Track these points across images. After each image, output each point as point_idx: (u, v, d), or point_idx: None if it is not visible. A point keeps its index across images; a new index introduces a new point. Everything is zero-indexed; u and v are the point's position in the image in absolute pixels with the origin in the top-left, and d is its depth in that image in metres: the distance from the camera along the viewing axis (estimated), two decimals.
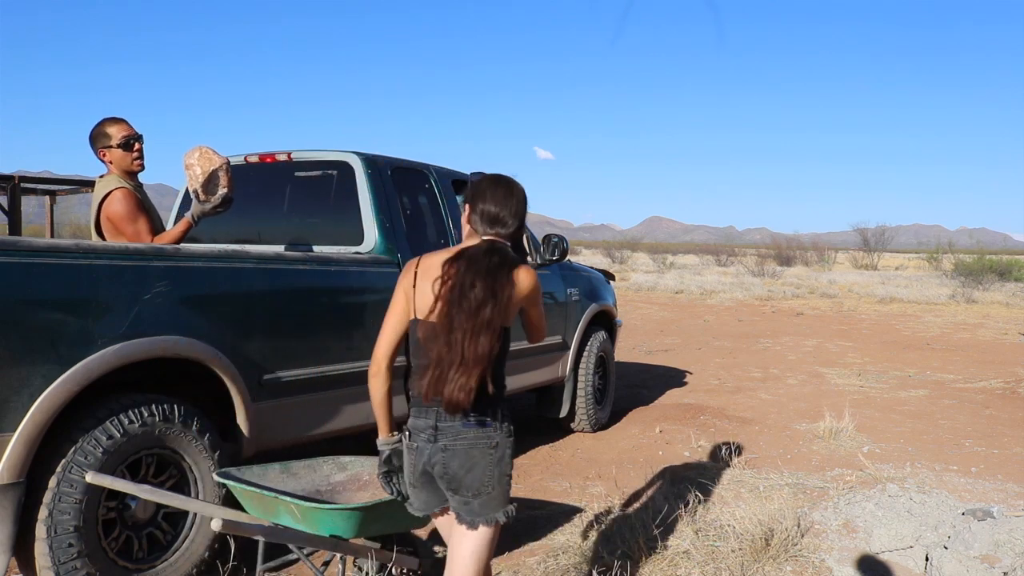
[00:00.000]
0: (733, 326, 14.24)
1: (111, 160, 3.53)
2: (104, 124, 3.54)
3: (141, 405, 2.87)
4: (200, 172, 3.46)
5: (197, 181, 3.46)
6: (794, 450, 5.65)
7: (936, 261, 35.13)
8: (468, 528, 2.20)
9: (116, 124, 3.53)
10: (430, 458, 2.19)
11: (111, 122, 3.54)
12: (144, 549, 2.95)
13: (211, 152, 3.50)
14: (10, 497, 2.52)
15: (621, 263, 37.59)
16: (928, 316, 16.41)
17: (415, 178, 4.61)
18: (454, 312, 2.12)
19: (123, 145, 3.52)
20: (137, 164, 3.57)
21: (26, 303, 2.56)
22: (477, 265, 2.16)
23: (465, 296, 2.12)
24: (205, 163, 3.47)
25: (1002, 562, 3.35)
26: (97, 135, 3.54)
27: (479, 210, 2.31)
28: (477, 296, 2.12)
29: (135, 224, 3.44)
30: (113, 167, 3.54)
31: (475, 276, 2.14)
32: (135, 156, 3.55)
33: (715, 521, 3.90)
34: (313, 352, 3.58)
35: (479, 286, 2.13)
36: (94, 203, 3.50)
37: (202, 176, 3.45)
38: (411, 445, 2.24)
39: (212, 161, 3.47)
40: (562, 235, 5.51)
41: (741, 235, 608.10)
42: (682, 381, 8.48)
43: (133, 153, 3.55)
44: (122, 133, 3.52)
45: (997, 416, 6.90)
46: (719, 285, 23.25)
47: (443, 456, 2.17)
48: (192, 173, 3.47)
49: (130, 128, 3.55)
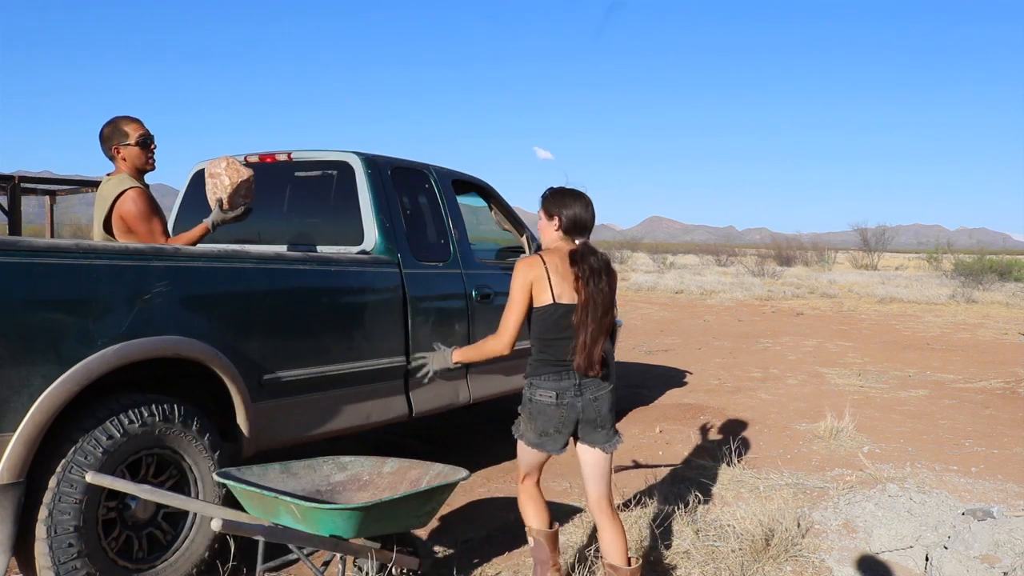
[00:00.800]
0: (733, 326, 14.24)
1: (125, 157, 3.53)
2: (120, 122, 3.55)
3: (141, 405, 2.87)
4: (228, 183, 3.55)
5: (224, 191, 3.55)
6: (794, 450, 5.65)
7: (936, 261, 35.13)
8: (605, 451, 2.92)
9: (133, 123, 3.56)
10: (584, 409, 2.86)
11: (127, 120, 3.56)
12: (144, 549, 2.95)
13: (238, 164, 3.60)
14: (10, 497, 2.52)
15: (621, 263, 37.60)
16: (928, 316, 16.42)
17: (415, 178, 4.61)
18: (596, 298, 2.78)
19: (140, 143, 3.54)
20: (151, 163, 3.60)
21: (26, 303, 2.55)
22: (599, 263, 2.83)
23: (599, 287, 2.79)
24: (233, 174, 3.57)
25: (1002, 562, 3.35)
26: (113, 132, 3.54)
27: (568, 218, 2.91)
28: (605, 287, 2.81)
29: (150, 223, 3.45)
30: (126, 165, 3.54)
31: (601, 271, 2.82)
32: (150, 155, 3.59)
33: (715, 521, 3.90)
34: (313, 352, 3.58)
35: (604, 280, 2.82)
36: (104, 202, 3.48)
37: (230, 187, 3.55)
38: (560, 402, 2.84)
39: (240, 173, 3.58)
40: None
41: (741, 235, 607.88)
42: (682, 381, 8.48)
43: (148, 152, 3.58)
44: (139, 132, 3.55)
45: (997, 416, 6.90)
46: (719, 285, 23.26)
47: (595, 404, 2.87)
48: (219, 182, 3.55)
49: (145, 128, 3.58)
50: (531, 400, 2.88)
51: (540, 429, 2.89)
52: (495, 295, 4.80)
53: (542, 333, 2.86)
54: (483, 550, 3.67)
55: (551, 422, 2.86)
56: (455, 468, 3.12)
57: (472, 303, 4.60)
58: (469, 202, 5.47)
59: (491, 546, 3.73)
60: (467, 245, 4.76)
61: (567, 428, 2.87)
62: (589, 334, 2.77)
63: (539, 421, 2.88)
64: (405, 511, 2.84)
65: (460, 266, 4.62)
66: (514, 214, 5.48)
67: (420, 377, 3.21)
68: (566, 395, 2.84)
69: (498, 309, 4.87)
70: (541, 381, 2.86)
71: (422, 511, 2.96)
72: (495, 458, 5.31)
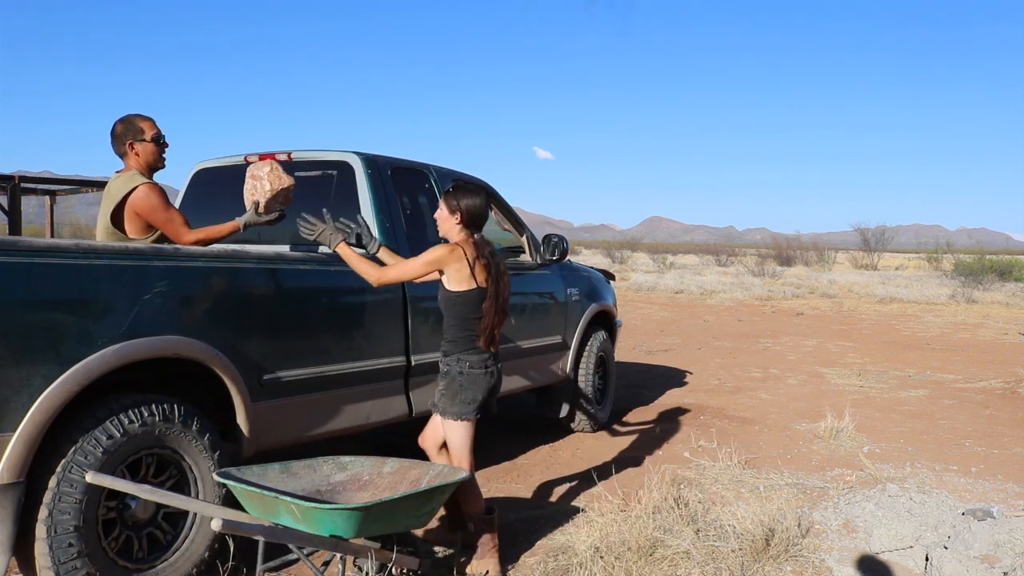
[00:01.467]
0: (733, 326, 14.24)
1: (139, 153, 3.56)
2: (135, 119, 3.59)
3: (141, 405, 2.87)
4: (269, 188, 3.59)
5: (264, 195, 3.59)
6: (794, 450, 5.65)
7: (936, 261, 35.13)
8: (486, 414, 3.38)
9: (147, 120, 3.61)
10: (498, 377, 3.37)
11: (142, 118, 3.60)
12: (144, 549, 2.95)
13: (281, 171, 3.64)
14: (10, 497, 2.52)
15: (621, 263, 37.59)
16: (928, 316, 16.42)
17: (415, 178, 4.61)
18: (502, 285, 3.29)
19: (155, 140, 3.59)
20: (163, 162, 3.65)
21: (26, 303, 2.55)
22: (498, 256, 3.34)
23: (503, 277, 3.32)
24: (275, 180, 3.60)
25: (1002, 562, 3.35)
26: (127, 129, 3.56)
27: (470, 213, 3.32)
28: (506, 277, 3.34)
29: (169, 214, 3.48)
30: (138, 161, 3.56)
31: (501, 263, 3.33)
32: (162, 153, 3.64)
33: (715, 521, 3.90)
34: (313, 352, 3.58)
35: (504, 269, 3.35)
36: (113, 197, 3.47)
37: (270, 192, 3.59)
38: (487, 371, 3.30)
39: (282, 180, 3.62)
40: (562, 235, 5.51)
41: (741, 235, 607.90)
42: (682, 381, 8.48)
43: (161, 150, 3.62)
44: (154, 129, 3.60)
45: (997, 416, 6.90)
46: (719, 285, 23.26)
47: (500, 374, 3.41)
48: (260, 185, 3.59)
49: (159, 127, 3.63)
50: (462, 373, 3.24)
51: (471, 398, 3.26)
52: None
53: (468, 314, 3.25)
54: None
55: (480, 390, 3.26)
56: (455, 468, 3.12)
57: None
58: None
59: None
60: None
61: (486, 395, 3.29)
62: (498, 316, 3.26)
63: (471, 390, 3.25)
64: (405, 511, 2.84)
65: None
66: (514, 214, 5.49)
67: (304, 234, 3.49)
68: (490, 365, 3.31)
69: None
70: (470, 355, 3.26)
71: (422, 511, 2.96)
72: (495, 458, 5.31)
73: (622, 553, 3.42)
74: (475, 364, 3.26)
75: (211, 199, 4.65)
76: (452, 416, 3.27)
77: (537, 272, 5.45)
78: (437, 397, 3.33)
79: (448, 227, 3.37)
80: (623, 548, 3.46)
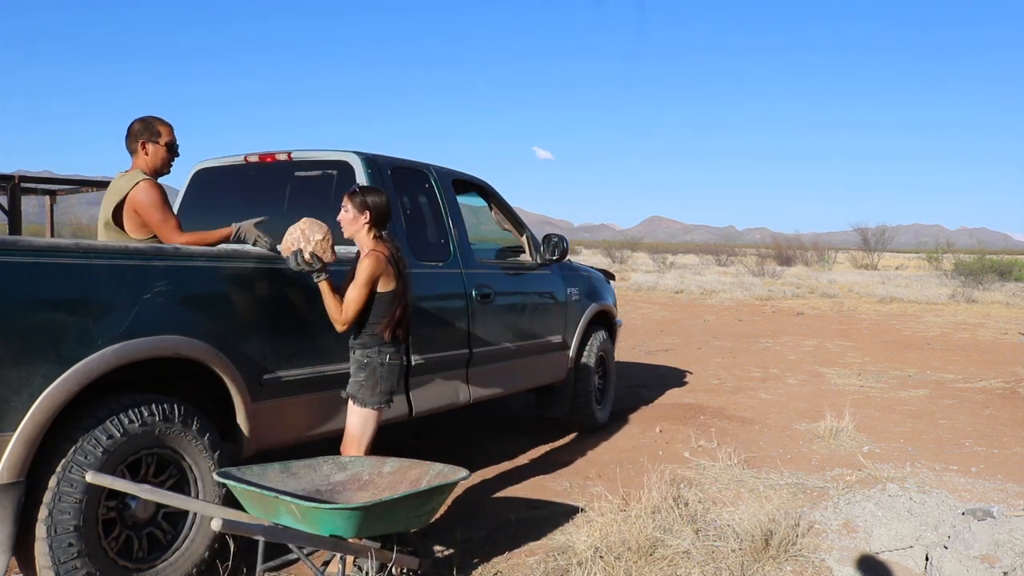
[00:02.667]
0: (733, 326, 14.24)
1: (149, 153, 3.57)
2: (155, 121, 3.61)
3: (141, 405, 2.87)
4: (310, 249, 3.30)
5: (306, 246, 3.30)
6: (794, 450, 5.65)
7: (936, 261, 35.12)
8: None
9: (166, 125, 3.64)
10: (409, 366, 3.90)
11: (161, 122, 3.63)
12: (144, 549, 2.95)
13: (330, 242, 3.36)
14: (10, 497, 2.52)
15: (621, 263, 37.59)
16: (928, 316, 16.42)
17: (415, 178, 4.61)
18: (409, 281, 3.51)
19: (168, 146, 3.62)
20: (169, 168, 3.68)
21: (26, 303, 2.55)
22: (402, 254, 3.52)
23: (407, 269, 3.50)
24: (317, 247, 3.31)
25: (1002, 562, 3.35)
26: (145, 128, 3.59)
27: (378, 213, 3.38)
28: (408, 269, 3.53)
29: (163, 212, 3.48)
30: (146, 161, 3.58)
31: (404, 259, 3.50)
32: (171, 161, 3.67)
33: (715, 521, 3.90)
34: (313, 352, 3.58)
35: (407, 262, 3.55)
36: (116, 194, 3.49)
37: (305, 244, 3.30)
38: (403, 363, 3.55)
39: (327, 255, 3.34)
40: (562, 235, 5.51)
41: (741, 235, 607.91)
42: (682, 381, 8.48)
43: (171, 157, 3.65)
44: (170, 136, 3.63)
45: (997, 416, 6.90)
46: (719, 285, 23.25)
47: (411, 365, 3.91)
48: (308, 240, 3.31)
49: (175, 135, 3.66)
50: (382, 364, 3.35)
51: (389, 388, 3.39)
52: (495, 295, 4.80)
53: (388, 309, 3.37)
54: (483, 550, 3.67)
55: (396, 379, 3.42)
56: (455, 468, 3.12)
57: (472, 303, 4.60)
58: (469, 202, 5.47)
59: (491, 546, 3.73)
60: (467, 245, 4.76)
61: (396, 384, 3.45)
62: (409, 310, 3.47)
63: (390, 381, 3.39)
64: (405, 511, 2.84)
65: (460, 266, 4.62)
66: (514, 214, 5.49)
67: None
68: (404, 356, 3.60)
69: (499, 309, 4.89)
70: (388, 347, 3.37)
71: (422, 511, 2.96)
72: (495, 458, 5.31)
73: (622, 553, 3.42)
74: (393, 356, 3.38)
75: (211, 199, 4.66)
76: (371, 405, 3.35)
77: (537, 272, 5.45)
78: (355, 388, 3.36)
79: (355, 228, 3.38)
80: (623, 548, 3.46)
